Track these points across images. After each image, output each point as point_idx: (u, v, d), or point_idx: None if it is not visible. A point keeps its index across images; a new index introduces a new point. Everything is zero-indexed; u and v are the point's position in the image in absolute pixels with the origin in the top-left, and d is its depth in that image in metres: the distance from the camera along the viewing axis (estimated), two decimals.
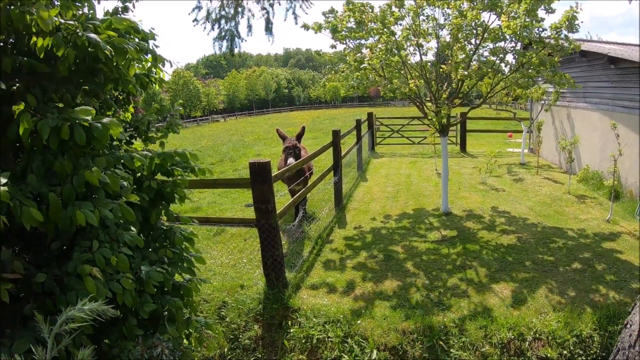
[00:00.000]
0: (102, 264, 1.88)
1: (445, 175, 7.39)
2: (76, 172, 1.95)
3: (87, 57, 2.18)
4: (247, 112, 72.25)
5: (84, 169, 1.95)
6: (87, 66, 2.30)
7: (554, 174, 10.32)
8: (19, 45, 2.08)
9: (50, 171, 1.96)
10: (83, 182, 1.94)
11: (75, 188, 1.92)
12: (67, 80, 2.25)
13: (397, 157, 14.41)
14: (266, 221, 4.76)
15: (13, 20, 1.80)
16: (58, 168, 1.93)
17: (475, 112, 17.70)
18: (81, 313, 1.19)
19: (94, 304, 1.23)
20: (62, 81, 2.21)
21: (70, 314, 1.18)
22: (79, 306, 1.19)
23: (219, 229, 7.32)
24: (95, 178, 1.92)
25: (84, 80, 2.35)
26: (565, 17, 5.72)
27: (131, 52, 2.16)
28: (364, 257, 5.84)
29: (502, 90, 6.92)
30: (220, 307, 4.85)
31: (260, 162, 4.66)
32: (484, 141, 17.04)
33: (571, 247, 5.78)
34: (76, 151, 2.07)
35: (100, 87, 2.48)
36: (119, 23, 2.21)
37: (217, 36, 3.96)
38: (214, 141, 25.12)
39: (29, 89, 2.00)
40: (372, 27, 6.04)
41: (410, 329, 4.18)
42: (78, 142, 1.82)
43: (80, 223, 1.82)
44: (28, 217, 1.67)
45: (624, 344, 2.34)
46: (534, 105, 12.41)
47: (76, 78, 2.30)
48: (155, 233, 2.71)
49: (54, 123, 1.81)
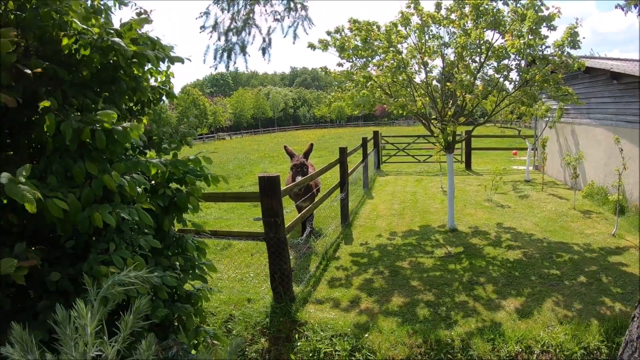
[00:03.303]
0: (120, 265, 1.92)
1: (451, 191, 7.42)
2: (95, 176, 2.02)
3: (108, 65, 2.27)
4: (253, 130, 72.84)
5: (103, 173, 2.01)
6: (108, 74, 2.39)
7: (559, 190, 10.32)
8: (43, 50, 2.17)
9: (69, 174, 2.03)
10: (101, 185, 2.00)
11: (94, 191, 1.98)
12: (88, 86, 2.34)
13: (403, 175, 14.47)
14: (275, 234, 4.80)
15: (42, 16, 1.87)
16: (77, 171, 2.00)
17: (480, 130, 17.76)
18: (128, 278, 1.22)
19: (139, 272, 1.27)
20: (82, 87, 2.30)
21: (117, 278, 1.22)
22: (124, 272, 1.23)
23: (226, 244, 7.35)
24: (113, 182, 1.99)
25: (103, 88, 2.44)
26: (567, 34, 5.82)
27: (151, 57, 2.25)
28: (371, 273, 5.84)
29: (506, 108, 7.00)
30: (227, 320, 4.85)
31: (270, 176, 4.73)
32: (489, 159, 17.08)
33: (577, 261, 5.76)
34: (95, 156, 2.14)
35: (119, 95, 2.56)
36: (139, 25, 2.31)
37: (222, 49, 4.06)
38: (220, 158, 25.30)
39: (50, 93, 2.08)
40: (378, 45, 6.18)
41: (418, 343, 4.16)
42: (98, 145, 1.89)
43: (98, 224, 1.87)
44: (54, 209, 1.72)
45: (632, 336, 2.36)
46: (539, 123, 12.49)
47: (96, 85, 2.39)
48: (168, 240, 2.76)
49: (77, 125, 1.88)
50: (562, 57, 5.96)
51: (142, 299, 1.27)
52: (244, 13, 3.80)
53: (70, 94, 2.30)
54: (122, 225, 2.23)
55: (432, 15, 6.24)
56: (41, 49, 2.22)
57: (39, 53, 2.23)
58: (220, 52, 4.09)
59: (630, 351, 2.29)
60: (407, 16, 6.21)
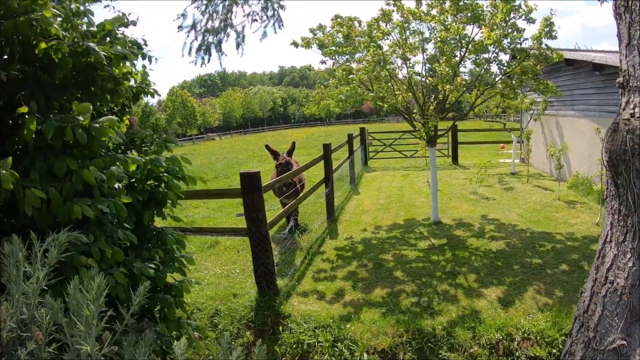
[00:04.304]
0: (97, 256, 1.99)
1: (434, 184, 7.55)
2: (76, 171, 2.09)
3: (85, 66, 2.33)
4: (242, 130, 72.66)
5: (82, 169, 2.08)
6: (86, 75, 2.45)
7: (545, 182, 10.53)
8: (25, 56, 2.23)
9: (51, 171, 2.10)
10: (82, 180, 2.07)
11: (74, 185, 2.05)
12: (65, 88, 2.40)
13: (390, 170, 14.61)
14: (257, 229, 4.87)
15: (19, 26, 1.95)
16: (58, 167, 2.07)
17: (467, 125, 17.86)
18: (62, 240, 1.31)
19: (72, 233, 1.36)
20: (61, 89, 2.36)
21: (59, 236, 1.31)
22: (65, 234, 1.32)
23: (213, 241, 7.41)
24: (92, 176, 2.06)
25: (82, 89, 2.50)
26: (543, 25, 5.97)
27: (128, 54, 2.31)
28: (355, 266, 5.94)
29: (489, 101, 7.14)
30: (213, 315, 4.91)
31: (251, 172, 4.80)
32: (477, 153, 17.31)
33: (560, 250, 5.91)
34: (76, 153, 2.20)
35: (96, 96, 2.62)
36: (112, 24, 2.38)
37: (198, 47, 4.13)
38: (209, 159, 25.28)
39: (33, 95, 2.15)
40: (359, 40, 6.27)
41: (400, 333, 4.27)
42: (80, 141, 1.96)
43: (77, 216, 1.94)
44: (32, 198, 1.79)
45: (579, 311, 2.50)
46: (524, 116, 12.70)
47: (75, 87, 2.45)
48: (149, 234, 2.83)
49: (58, 124, 1.95)
50: (540, 49, 6.10)
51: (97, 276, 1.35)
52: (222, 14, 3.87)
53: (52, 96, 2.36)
54: (102, 218, 2.29)
55: (412, 11, 6.35)
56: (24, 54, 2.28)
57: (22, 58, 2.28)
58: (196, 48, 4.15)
59: (578, 326, 2.42)
60: (387, 13, 6.31)
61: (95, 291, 1.19)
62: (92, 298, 1.18)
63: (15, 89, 2.09)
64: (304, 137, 39.29)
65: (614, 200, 2.16)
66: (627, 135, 2.03)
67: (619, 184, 2.09)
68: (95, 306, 1.17)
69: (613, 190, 2.16)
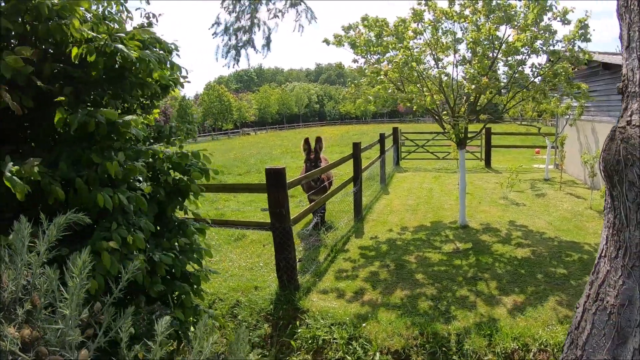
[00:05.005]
0: (118, 242, 2.13)
1: (462, 187, 7.43)
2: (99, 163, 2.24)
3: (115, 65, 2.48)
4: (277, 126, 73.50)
5: (106, 161, 2.22)
6: (116, 73, 2.61)
7: (578, 190, 10.15)
8: (56, 54, 2.40)
9: (78, 161, 2.26)
10: (105, 171, 2.22)
11: (99, 175, 2.20)
12: (97, 84, 2.57)
13: (421, 171, 14.45)
14: (280, 225, 4.98)
15: (51, 31, 2.12)
16: (85, 159, 2.23)
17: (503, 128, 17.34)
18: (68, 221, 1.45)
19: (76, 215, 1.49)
20: (92, 85, 2.53)
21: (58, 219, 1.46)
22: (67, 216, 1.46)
23: (240, 234, 7.60)
24: (114, 168, 2.20)
25: (112, 85, 2.66)
26: (577, 27, 5.76)
27: (152, 62, 2.45)
28: (377, 266, 5.95)
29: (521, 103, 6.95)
30: (233, 306, 5.07)
31: (276, 168, 4.90)
32: (511, 157, 16.84)
33: (586, 261, 5.71)
34: (102, 145, 2.36)
35: (127, 91, 2.79)
36: (141, 35, 2.52)
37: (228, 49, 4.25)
38: (243, 153, 25.75)
39: (63, 90, 2.32)
40: (389, 40, 6.25)
41: (414, 335, 4.26)
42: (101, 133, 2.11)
43: (100, 204, 2.09)
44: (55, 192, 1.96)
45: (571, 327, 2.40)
46: (560, 120, 12.27)
47: (105, 83, 2.62)
48: (170, 224, 2.97)
49: (83, 119, 2.11)
50: (572, 51, 5.89)
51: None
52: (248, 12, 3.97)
53: (83, 92, 2.53)
54: (125, 207, 2.44)
55: (444, 11, 6.27)
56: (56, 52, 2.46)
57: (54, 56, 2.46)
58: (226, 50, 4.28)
59: (569, 342, 2.34)
60: (419, 12, 6.25)
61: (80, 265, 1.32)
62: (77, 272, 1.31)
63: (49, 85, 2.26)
64: (339, 135, 39.32)
65: (610, 213, 2.07)
66: (621, 145, 1.93)
67: (614, 196, 2.01)
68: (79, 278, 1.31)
69: (609, 203, 2.07)
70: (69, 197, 2.13)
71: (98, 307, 1.43)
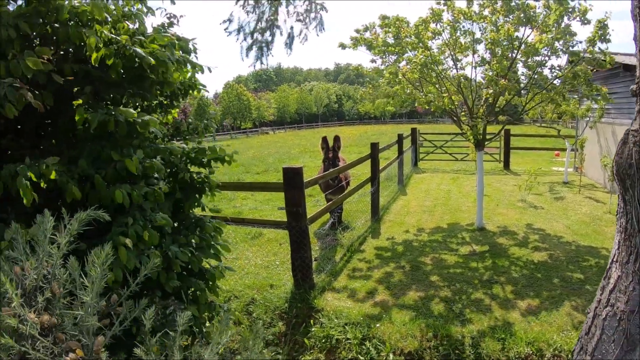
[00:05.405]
0: (133, 237, 2.20)
1: (480, 189, 7.36)
2: (118, 160, 2.31)
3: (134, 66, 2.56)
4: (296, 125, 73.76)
5: (125, 158, 2.29)
6: (135, 73, 2.68)
7: (597, 194, 9.91)
8: (77, 54, 2.49)
9: (97, 158, 2.34)
10: (124, 168, 2.29)
11: (118, 172, 2.27)
12: (117, 84, 2.64)
13: (440, 173, 14.32)
14: (297, 224, 5.02)
15: (71, 35, 2.19)
16: (104, 156, 2.30)
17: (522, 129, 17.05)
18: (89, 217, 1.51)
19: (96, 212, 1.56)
20: (113, 84, 2.61)
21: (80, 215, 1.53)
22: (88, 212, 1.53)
23: (257, 232, 7.68)
24: (133, 165, 2.27)
25: (132, 85, 2.74)
26: (597, 27, 5.63)
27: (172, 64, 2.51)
28: (392, 267, 5.94)
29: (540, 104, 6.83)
30: (249, 304, 5.13)
31: (293, 168, 4.95)
32: (530, 159, 16.54)
33: (603, 266, 5.57)
34: (121, 143, 2.43)
35: (147, 90, 2.86)
36: (161, 39, 2.58)
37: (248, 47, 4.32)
38: (261, 152, 25.95)
39: (83, 90, 2.40)
40: (407, 41, 6.23)
41: (428, 337, 4.24)
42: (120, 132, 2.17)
43: (118, 200, 2.16)
44: (72, 191, 2.04)
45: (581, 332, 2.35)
46: (580, 123, 12.00)
47: (125, 83, 2.70)
48: (187, 221, 3.04)
49: (102, 117, 2.18)
50: (593, 52, 5.76)
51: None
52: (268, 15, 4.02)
53: (102, 91, 2.62)
54: (143, 203, 2.51)
55: (463, 11, 6.21)
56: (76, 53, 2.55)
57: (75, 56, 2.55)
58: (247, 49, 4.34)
59: (579, 347, 2.30)
60: (437, 12, 6.21)
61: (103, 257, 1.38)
62: (100, 263, 1.37)
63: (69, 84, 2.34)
64: (357, 134, 39.27)
65: (623, 218, 2.01)
66: (634, 148, 1.88)
67: (626, 200, 1.96)
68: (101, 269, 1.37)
69: (622, 207, 2.02)
70: (87, 192, 2.21)
71: (115, 298, 1.50)
